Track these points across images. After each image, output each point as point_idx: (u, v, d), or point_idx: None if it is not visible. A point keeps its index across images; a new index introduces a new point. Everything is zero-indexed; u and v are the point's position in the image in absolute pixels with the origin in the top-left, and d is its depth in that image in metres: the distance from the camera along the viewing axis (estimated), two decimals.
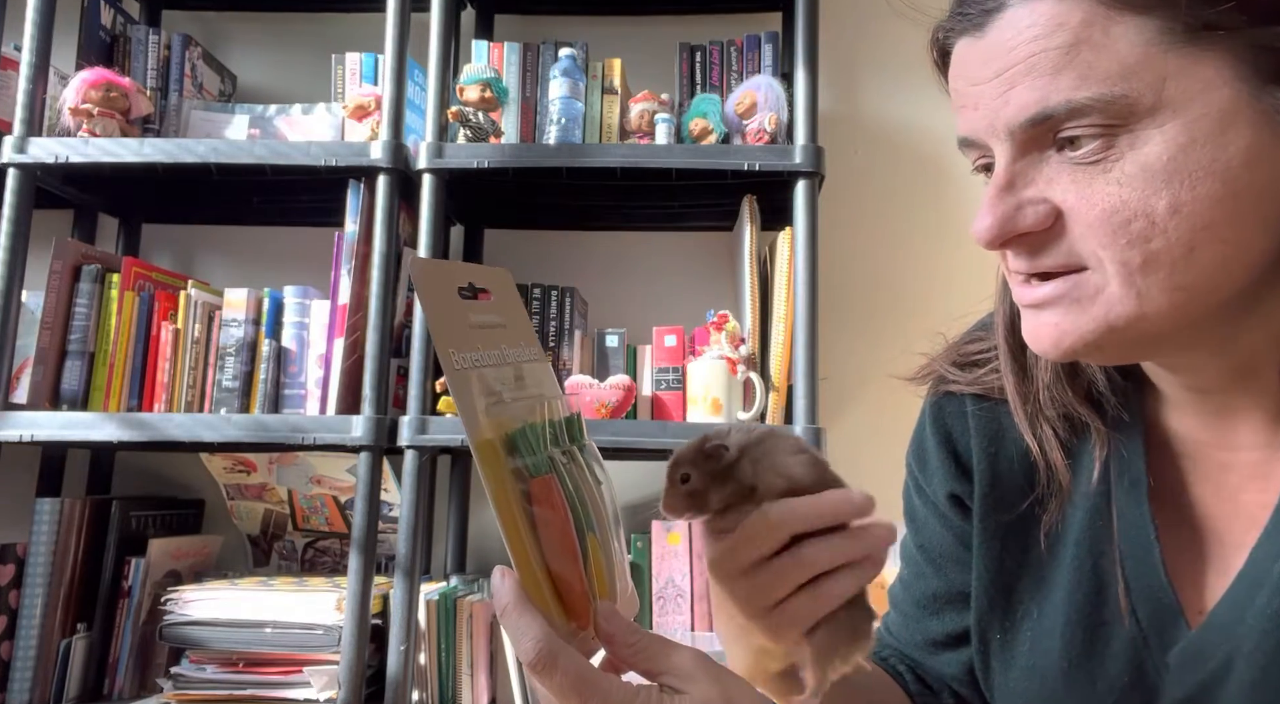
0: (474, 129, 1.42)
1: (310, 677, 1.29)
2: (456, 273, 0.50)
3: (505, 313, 0.51)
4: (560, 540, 0.45)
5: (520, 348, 0.51)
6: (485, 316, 0.49)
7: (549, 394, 0.51)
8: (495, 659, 1.38)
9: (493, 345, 0.49)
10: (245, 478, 1.57)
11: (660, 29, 1.72)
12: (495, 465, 0.45)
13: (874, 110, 1.73)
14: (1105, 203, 0.47)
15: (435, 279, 0.48)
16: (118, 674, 1.41)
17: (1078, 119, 0.47)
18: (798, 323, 1.35)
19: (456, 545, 1.61)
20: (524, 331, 0.52)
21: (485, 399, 0.46)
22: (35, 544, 1.37)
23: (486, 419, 0.45)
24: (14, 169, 1.39)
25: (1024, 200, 0.50)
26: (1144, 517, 0.57)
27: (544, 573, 0.45)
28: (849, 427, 1.63)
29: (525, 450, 0.46)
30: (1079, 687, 0.59)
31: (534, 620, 0.43)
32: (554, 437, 0.49)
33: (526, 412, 0.48)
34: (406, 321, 1.49)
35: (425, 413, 1.33)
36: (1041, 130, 0.48)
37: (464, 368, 0.46)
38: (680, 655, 0.45)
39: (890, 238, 1.69)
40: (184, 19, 1.77)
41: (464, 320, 0.48)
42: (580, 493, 0.47)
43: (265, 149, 1.41)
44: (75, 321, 1.42)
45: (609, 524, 0.49)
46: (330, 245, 1.42)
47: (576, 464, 0.49)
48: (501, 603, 0.44)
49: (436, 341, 0.46)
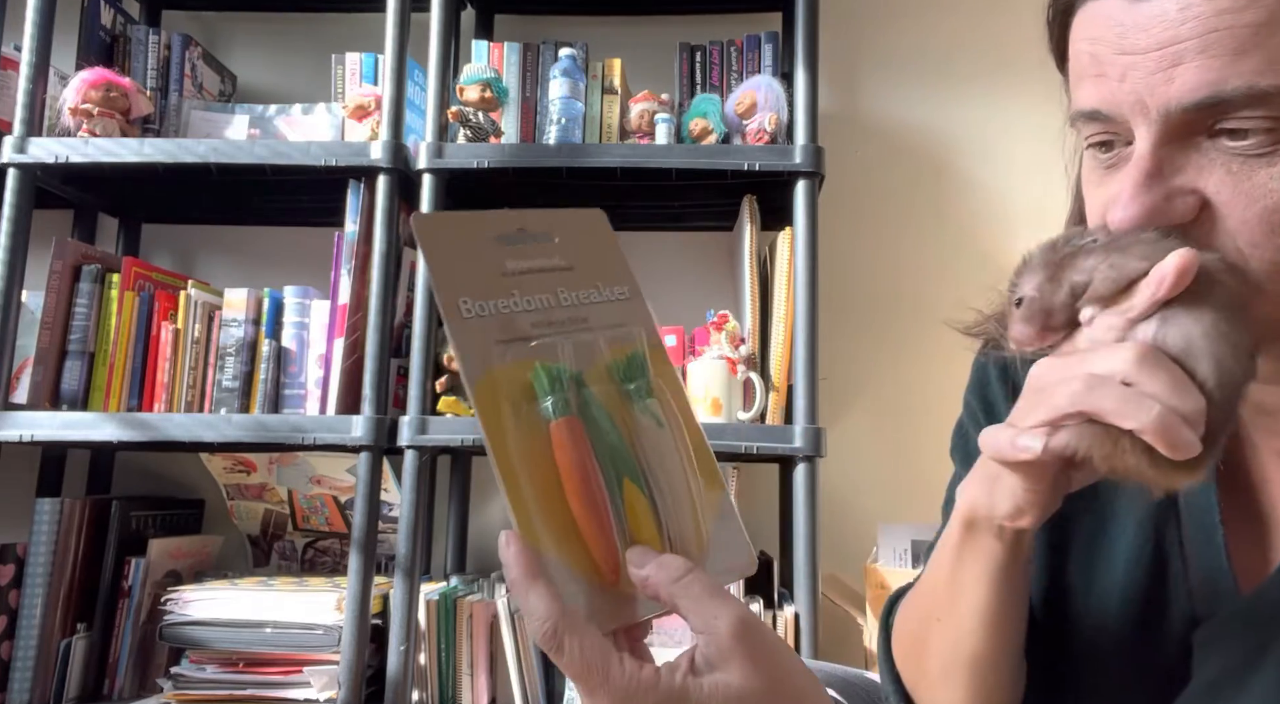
0: (474, 129, 1.42)
1: (310, 677, 1.29)
2: (498, 221, 0.49)
3: (577, 255, 0.50)
4: (582, 487, 0.44)
5: (591, 289, 0.50)
6: (536, 261, 0.49)
7: (617, 334, 0.49)
8: (495, 659, 1.38)
9: (539, 290, 0.48)
10: (245, 478, 1.57)
11: (660, 29, 1.72)
12: (491, 412, 0.44)
13: (874, 110, 1.73)
14: (1269, 199, 0.44)
15: (446, 232, 0.48)
16: (118, 674, 1.41)
17: (1252, 108, 0.43)
18: (798, 323, 1.35)
19: (456, 545, 1.61)
20: (602, 272, 0.51)
21: (501, 345, 0.46)
22: (35, 544, 1.37)
23: (499, 364, 0.45)
24: (14, 169, 1.39)
25: (1173, 189, 0.46)
26: (1210, 500, 0.55)
27: (565, 523, 0.44)
28: (849, 427, 1.63)
29: (545, 393, 0.45)
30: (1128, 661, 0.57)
31: (541, 596, 0.41)
32: (607, 376, 0.47)
33: (567, 353, 0.47)
34: (406, 321, 1.49)
35: (425, 413, 1.33)
36: (1205, 115, 0.44)
37: (474, 316, 0.46)
38: (725, 619, 0.41)
39: (890, 238, 1.69)
40: (184, 19, 1.77)
41: (494, 269, 0.48)
42: (614, 436, 0.45)
43: (265, 149, 1.41)
44: (75, 321, 1.42)
45: (674, 467, 0.46)
46: (330, 245, 1.42)
47: (623, 405, 0.47)
48: (509, 577, 0.42)
49: (437, 294, 0.46)
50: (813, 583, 1.28)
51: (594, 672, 0.40)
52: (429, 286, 1.36)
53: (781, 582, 1.48)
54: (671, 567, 0.42)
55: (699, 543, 0.46)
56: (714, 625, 0.41)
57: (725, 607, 0.41)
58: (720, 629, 0.40)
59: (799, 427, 1.31)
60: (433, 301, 1.37)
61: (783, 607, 1.33)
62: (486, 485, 1.68)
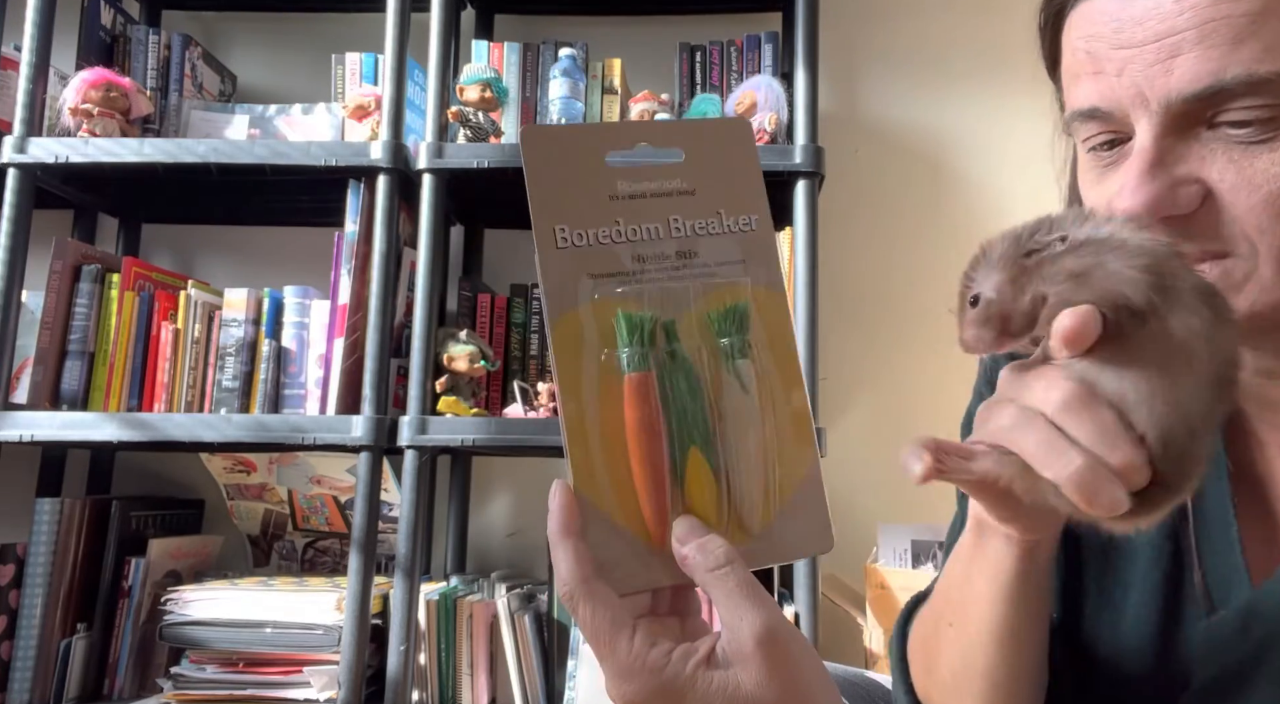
0: (474, 129, 1.42)
1: (310, 677, 1.29)
2: (617, 134, 0.45)
3: (703, 176, 0.46)
4: (644, 447, 0.42)
5: (712, 218, 0.45)
6: (652, 183, 0.45)
7: (722, 282, 0.44)
8: (495, 659, 1.38)
9: (649, 217, 0.44)
10: (245, 478, 1.57)
11: (660, 29, 1.72)
12: (566, 353, 0.41)
13: (874, 110, 1.73)
14: (1271, 185, 0.44)
15: (554, 148, 0.44)
16: (118, 674, 1.40)
17: (1252, 97, 0.43)
18: (798, 323, 1.35)
19: (456, 545, 1.61)
20: (728, 198, 0.46)
21: (591, 280, 0.42)
22: (35, 544, 1.37)
23: (585, 303, 0.42)
24: (14, 169, 1.39)
25: (1176, 179, 0.46)
26: (1224, 495, 0.54)
27: (624, 477, 0.42)
28: (849, 427, 1.63)
29: (624, 343, 0.42)
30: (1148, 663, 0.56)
31: (568, 555, 0.40)
32: (703, 327, 0.43)
33: (661, 297, 0.43)
34: (406, 321, 1.49)
35: (425, 413, 1.33)
36: (1205, 105, 0.44)
37: (569, 246, 0.42)
38: (752, 620, 0.39)
39: (890, 238, 1.69)
40: (184, 19, 1.77)
41: (602, 192, 0.44)
42: (690, 397, 0.43)
43: (265, 149, 1.41)
44: (75, 321, 1.42)
45: (750, 436, 0.43)
46: (330, 245, 1.42)
47: (714, 361, 0.43)
48: (550, 528, 0.41)
49: (534, 219, 0.42)
50: (813, 583, 1.28)
51: (601, 642, 0.40)
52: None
53: (781, 582, 1.48)
54: (712, 553, 0.41)
55: (764, 518, 0.43)
56: (738, 626, 0.40)
57: (755, 609, 0.40)
58: (743, 632, 0.40)
59: None
60: (431, 301, 1.37)
61: (783, 607, 1.33)
62: (486, 485, 1.68)
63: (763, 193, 0.47)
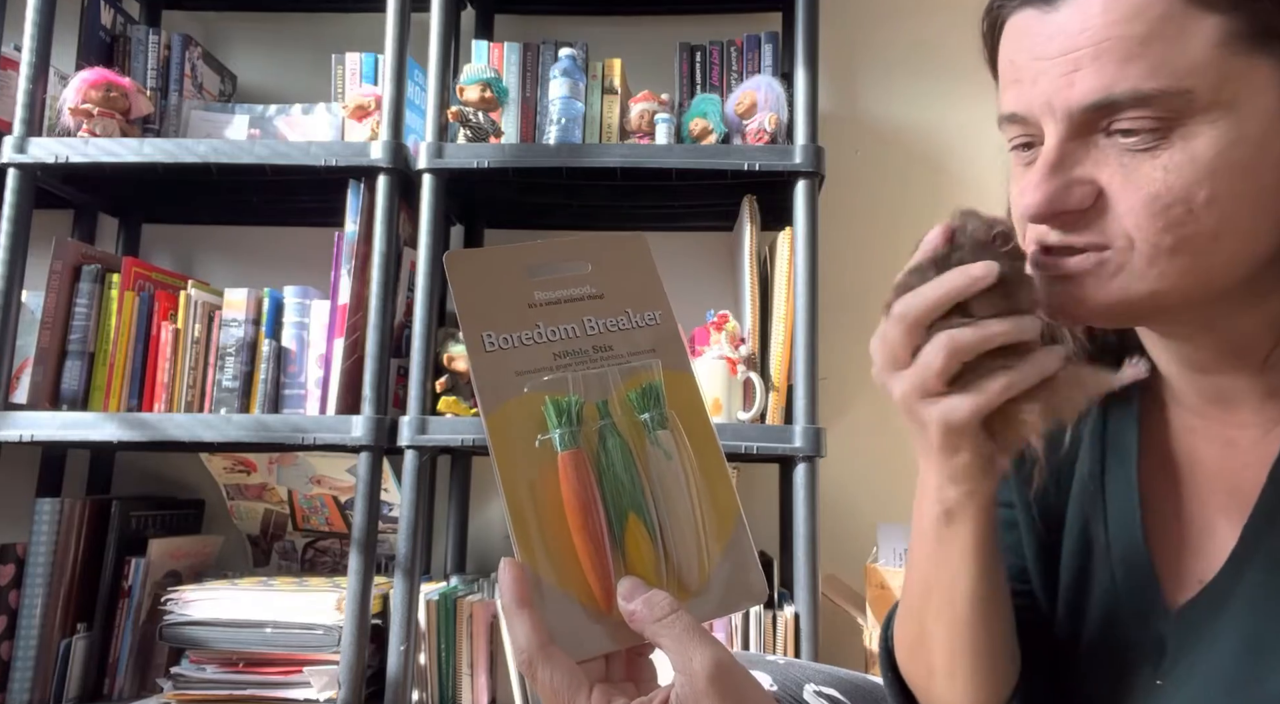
0: (474, 129, 1.42)
1: (310, 677, 1.29)
2: (530, 253, 0.51)
3: (610, 282, 0.52)
4: (582, 519, 0.46)
5: (620, 316, 0.51)
6: (566, 291, 0.50)
7: (635, 366, 0.50)
8: (495, 659, 1.38)
9: (565, 319, 0.50)
10: (245, 478, 1.57)
11: (660, 29, 1.72)
12: (503, 442, 0.46)
13: (874, 110, 1.73)
14: (1150, 188, 0.49)
15: (475, 267, 0.49)
16: (118, 674, 1.41)
17: (1139, 109, 0.48)
18: (798, 323, 1.35)
19: (456, 545, 1.61)
20: (633, 298, 0.52)
21: (519, 377, 0.47)
22: (35, 544, 1.37)
23: (514, 396, 0.47)
24: (14, 169, 1.39)
25: (1072, 180, 0.51)
26: (1130, 483, 0.61)
27: (567, 551, 0.46)
28: (849, 427, 1.63)
29: (554, 425, 0.47)
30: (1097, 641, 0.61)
31: (524, 625, 0.44)
32: (627, 406, 0.49)
33: (583, 383, 0.48)
34: (406, 321, 1.49)
35: (425, 413, 1.33)
36: (1099, 115, 0.49)
37: (495, 349, 0.47)
38: (702, 657, 0.43)
39: (890, 238, 1.69)
40: (184, 19, 1.77)
41: (521, 301, 0.49)
42: (622, 469, 0.47)
43: (265, 149, 1.41)
44: (75, 321, 1.42)
45: (679, 500, 0.48)
46: (330, 245, 1.42)
47: (635, 437, 0.48)
48: (501, 601, 0.45)
49: (462, 330, 0.48)
50: (813, 583, 1.28)
51: (562, 702, 0.43)
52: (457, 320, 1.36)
53: (781, 582, 1.48)
54: (657, 605, 0.44)
55: (700, 575, 0.47)
56: (690, 666, 0.43)
57: (702, 648, 0.43)
58: (695, 669, 0.43)
59: (799, 427, 1.31)
60: (431, 301, 1.37)
61: (783, 607, 1.33)
62: (487, 485, 1.68)
63: (663, 293, 0.53)
